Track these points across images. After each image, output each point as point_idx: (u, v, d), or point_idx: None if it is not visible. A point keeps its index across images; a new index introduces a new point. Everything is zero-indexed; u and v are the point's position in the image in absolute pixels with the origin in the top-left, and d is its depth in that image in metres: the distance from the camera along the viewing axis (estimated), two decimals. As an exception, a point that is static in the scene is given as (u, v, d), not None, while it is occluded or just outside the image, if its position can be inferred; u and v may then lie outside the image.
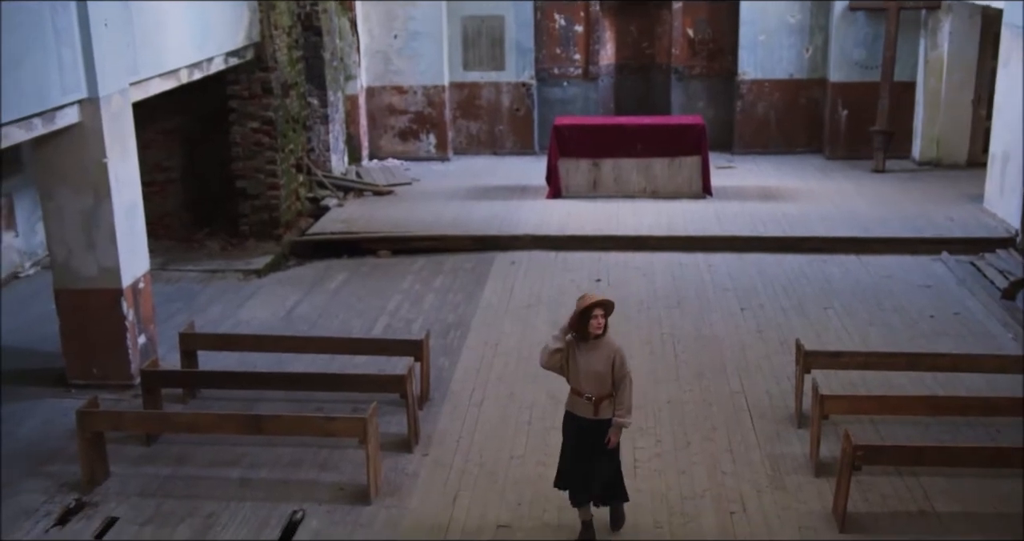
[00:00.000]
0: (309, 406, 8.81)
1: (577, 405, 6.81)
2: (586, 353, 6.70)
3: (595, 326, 6.61)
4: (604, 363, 6.67)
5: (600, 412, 6.73)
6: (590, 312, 6.58)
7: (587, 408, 6.74)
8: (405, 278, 12.47)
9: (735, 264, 12.79)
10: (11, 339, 10.54)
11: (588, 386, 6.71)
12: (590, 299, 6.61)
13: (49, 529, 7.15)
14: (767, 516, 7.19)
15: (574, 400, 6.83)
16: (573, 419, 6.86)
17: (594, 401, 6.71)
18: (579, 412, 6.80)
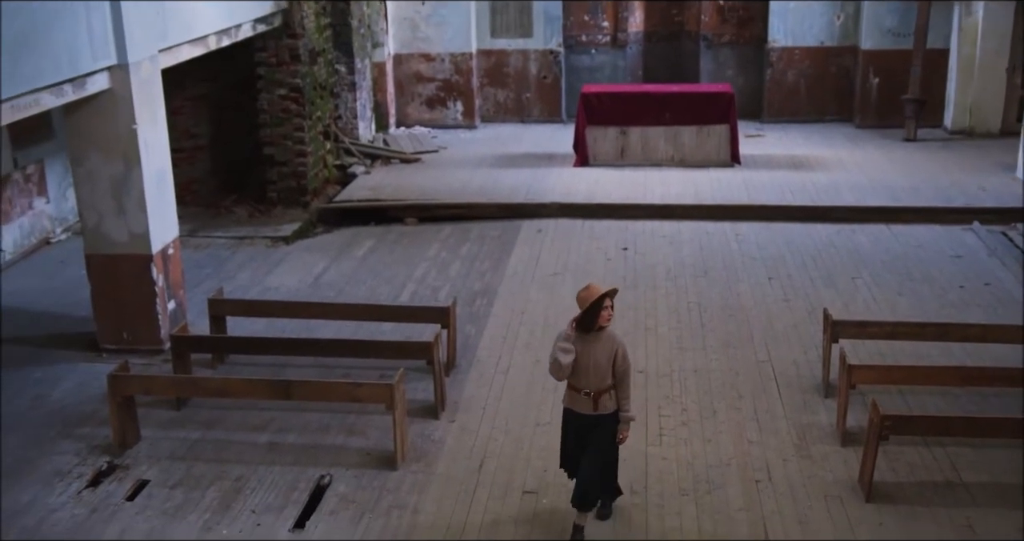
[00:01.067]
0: (336, 372, 8.88)
1: (576, 401, 6.51)
2: (588, 346, 6.38)
3: (605, 317, 6.33)
4: (606, 356, 6.40)
5: (600, 406, 6.46)
6: (601, 303, 6.28)
7: (587, 404, 6.46)
8: (432, 246, 12.50)
9: (763, 233, 12.73)
10: (43, 304, 10.66)
11: (588, 380, 6.42)
12: (598, 289, 6.30)
13: (82, 491, 7.26)
14: (793, 485, 7.20)
15: (572, 396, 6.53)
16: (573, 417, 6.59)
17: (593, 396, 6.43)
18: (579, 408, 6.51)
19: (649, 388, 8.65)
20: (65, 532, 6.75)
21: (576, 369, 6.40)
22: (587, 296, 6.29)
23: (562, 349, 6.32)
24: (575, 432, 6.59)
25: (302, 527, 6.82)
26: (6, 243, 11.81)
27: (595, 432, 6.49)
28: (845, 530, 6.67)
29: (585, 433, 6.52)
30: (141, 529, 6.80)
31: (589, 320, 6.31)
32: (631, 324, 9.98)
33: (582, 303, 6.29)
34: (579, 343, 6.36)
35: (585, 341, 6.38)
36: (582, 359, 6.36)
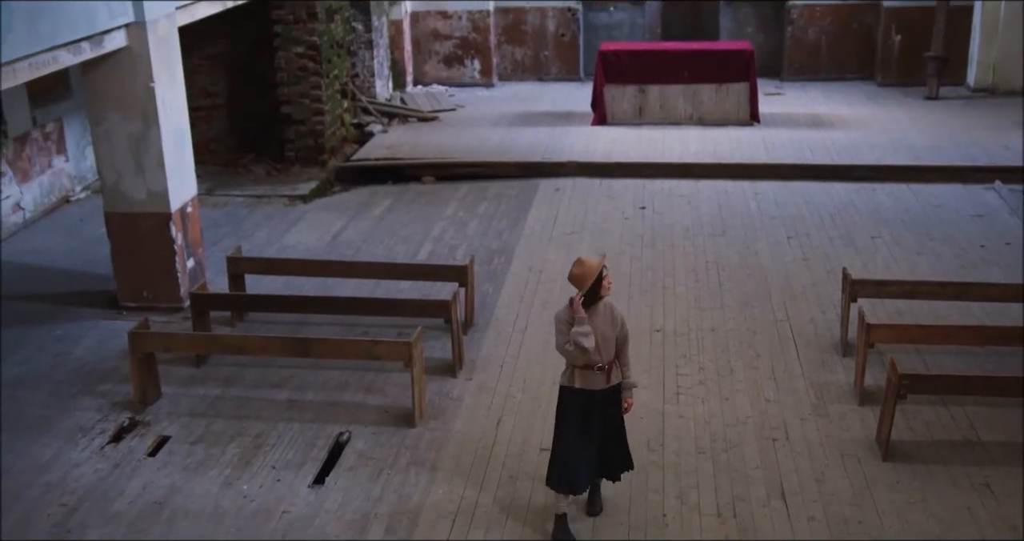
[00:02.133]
0: (355, 330, 8.92)
1: (589, 379, 6.14)
2: (594, 316, 6.05)
3: (607, 286, 6.05)
4: (611, 325, 6.13)
5: (612, 378, 6.19)
6: (602, 274, 5.98)
7: (599, 379, 6.13)
8: (449, 204, 12.48)
9: (782, 192, 12.65)
10: (64, 262, 10.73)
11: (598, 354, 6.08)
12: (593, 262, 5.96)
13: (104, 446, 7.34)
14: (810, 444, 7.21)
15: (584, 375, 6.13)
16: (582, 396, 6.16)
17: (606, 369, 6.13)
18: (591, 386, 6.15)
19: (666, 347, 8.66)
20: (88, 487, 6.84)
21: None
22: (585, 272, 5.94)
23: (582, 334, 5.94)
24: (583, 416, 6.18)
25: (321, 483, 6.88)
26: (26, 201, 11.87)
27: (609, 407, 6.23)
28: (862, 488, 6.68)
29: (597, 411, 6.19)
30: (163, 484, 6.88)
31: (594, 294, 6.01)
32: (649, 283, 9.98)
33: (581, 280, 5.93)
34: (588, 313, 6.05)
35: (592, 313, 6.06)
36: (594, 329, 6.05)
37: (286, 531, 6.37)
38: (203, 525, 6.44)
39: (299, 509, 6.60)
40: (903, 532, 6.25)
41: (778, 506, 6.51)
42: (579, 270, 5.94)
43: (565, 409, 6.23)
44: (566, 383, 6.19)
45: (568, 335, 5.98)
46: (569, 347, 5.98)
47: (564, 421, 6.23)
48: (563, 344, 6.03)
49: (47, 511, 6.59)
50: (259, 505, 6.64)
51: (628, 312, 9.29)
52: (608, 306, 6.15)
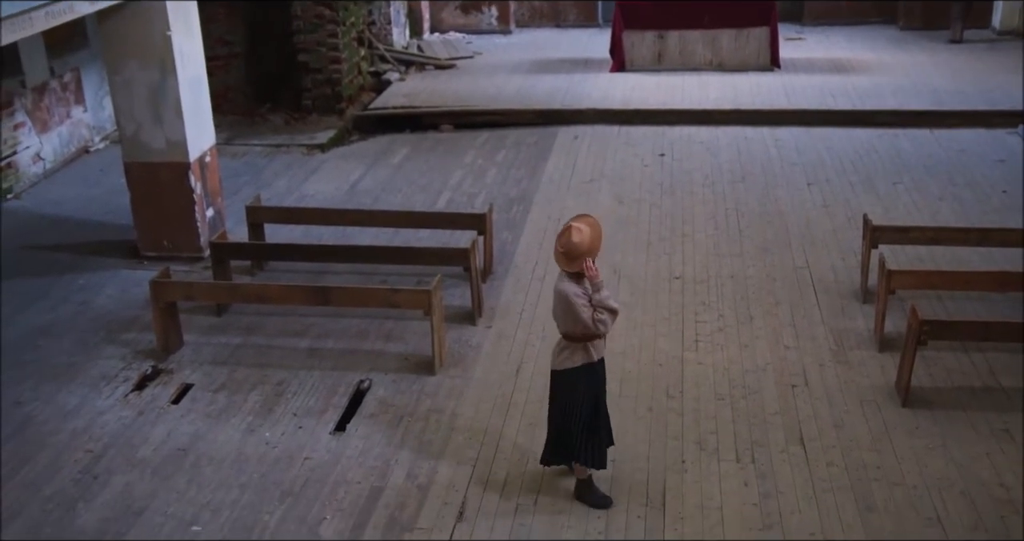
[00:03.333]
0: (374, 279, 8.94)
1: (598, 348, 5.87)
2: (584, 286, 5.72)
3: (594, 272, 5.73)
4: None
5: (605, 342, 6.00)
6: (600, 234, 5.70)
7: (602, 345, 5.92)
8: (467, 153, 12.44)
9: (803, 138, 12.55)
10: (85, 212, 10.78)
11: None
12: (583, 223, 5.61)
13: (128, 394, 7.43)
14: (829, 390, 7.22)
15: (597, 346, 5.85)
16: (594, 368, 5.88)
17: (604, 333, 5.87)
18: (601, 354, 5.91)
19: (685, 294, 8.66)
20: (113, 433, 6.93)
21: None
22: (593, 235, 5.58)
23: (610, 297, 5.73)
24: (599, 384, 5.95)
25: (343, 430, 6.95)
26: (46, 152, 11.89)
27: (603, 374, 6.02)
28: (881, 434, 6.70)
29: (603, 378, 6.02)
30: (186, 431, 6.96)
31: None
32: (668, 230, 9.94)
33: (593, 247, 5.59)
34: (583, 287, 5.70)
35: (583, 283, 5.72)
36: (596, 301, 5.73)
37: (308, 477, 6.44)
38: (226, 471, 6.53)
39: (321, 455, 6.67)
40: (922, 477, 6.27)
41: (797, 451, 6.53)
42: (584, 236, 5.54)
43: (585, 388, 5.85)
44: (581, 362, 5.79)
45: (591, 307, 5.61)
46: (602, 315, 5.62)
47: (587, 400, 5.87)
48: (591, 316, 5.61)
49: (74, 457, 6.69)
50: (281, 452, 6.72)
51: (647, 260, 9.31)
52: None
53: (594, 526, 5.92)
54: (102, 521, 6.08)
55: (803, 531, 5.82)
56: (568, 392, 5.87)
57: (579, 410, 5.88)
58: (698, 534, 5.82)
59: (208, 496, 6.29)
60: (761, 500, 6.08)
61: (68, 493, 6.33)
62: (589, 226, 5.60)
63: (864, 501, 6.06)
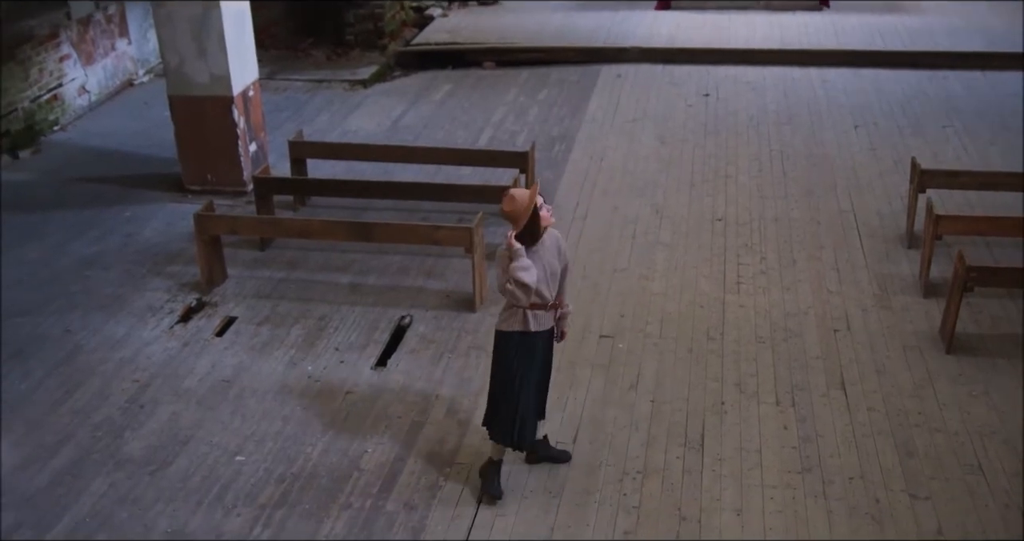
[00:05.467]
0: (416, 216, 8.96)
1: (539, 319, 5.47)
2: (537, 255, 5.37)
3: (547, 217, 5.34)
4: (556, 258, 5.49)
5: (557, 316, 5.60)
6: (537, 206, 5.27)
7: (547, 318, 5.52)
8: (510, 90, 12.34)
9: (851, 80, 12.33)
10: (130, 144, 10.85)
11: (548, 291, 5.45)
12: (524, 194, 5.24)
13: (173, 326, 7.53)
14: (871, 335, 7.18)
15: (537, 316, 5.45)
16: (530, 339, 5.48)
17: (555, 305, 5.55)
18: (542, 326, 5.49)
19: (728, 236, 8.60)
20: (159, 364, 7.05)
21: (538, 284, 5.39)
22: (516, 209, 5.22)
23: (522, 268, 5.23)
24: (530, 359, 5.54)
25: (384, 365, 7.02)
26: (91, 84, 11.94)
27: (549, 345, 5.65)
28: (923, 380, 6.67)
29: (540, 353, 5.60)
30: (230, 363, 7.06)
31: (533, 228, 5.30)
32: (711, 172, 9.86)
33: (514, 217, 5.24)
34: (529, 253, 5.34)
35: (534, 249, 5.37)
36: (539, 271, 5.36)
37: (350, 411, 6.53)
38: (269, 403, 6.63)
39: (362, 390, 6.75)
40: (964, 424, 6.24)
41: (837, 396, 6.52)
42: (510, 207, 5.23)
43: (512, 357, 5.50)
44: (518, 327, 5.44)
45: (507, 274, 5.28)
46: (510, 286, 5.26)
47: (512, 370, 5.52)
48: (504, 283, 5.29)
49: (121, 386, 6.82)
50: (323, 385, 6.80)
51: (689, 201, 9.24)
52: (554, 237, 5.49)
53: (632, 465, 5.96)
54: (148, 449, 6.20)
55: (842, 475, 5.83)
56: (499, 354, 5.58)
57: (504, 377, 5.56)
58: (736, 475, 5.85)
59: (252, 427, 6.40)
60: (800, 443, 6.09)
61: (116, 421, 6.47)
62: (513, 201, 5.22)
63: (904, 447, 6.06)
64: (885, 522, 5.50)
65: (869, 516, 5.54)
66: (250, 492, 5.83)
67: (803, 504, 5.62)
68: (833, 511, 5.57)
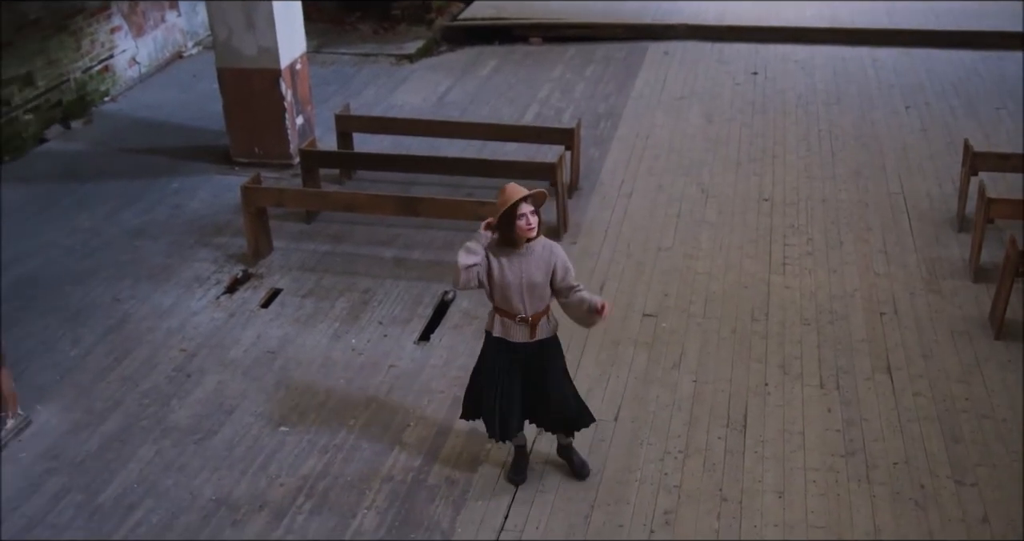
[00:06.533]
0: (460, 191, 8.96)
1: (510, 330, 5.27)
2: (518, 261, 5.14)
3: (524, 227, 5.02)
4: (542, 272, 5.16)
5: (538, 332, 5.28)
6: (515, 211, 5.00)
7: (521, 331, 5.26)
8: (556, 66, 12.28)
9: (902, 60, 12.13)
10: (179, 116, 10.93)
11: (520, 303, 5.18)
12: (514, 193, 4.99)
13: (219, 297, 7.61)
14: (919, 319, 7.10)
15: (505, 324, 5.26)
16: (505, 347, 5.33)
17: (531, 321, 5.23)
18: (514, 337, 5.28)
19: (774, 216, 8.53)
20: (205, 334, 7.13)
21: (504, 290, 5.18)
22: (499, 200, 5.05)
23: (465, 248, 5.11)
24: (512, 367, 5.38)
25: (427, 340, 7.05)
26: (142, 56, 12.03)
27: (534, 363, 5.38)
28: (971, 366, 6.59)
29: (524, 367, 5.39)
30: (275, 335, 7.13)
31: (505, 230, 5.09)
32: (758, 151, 9.76)
33: (496, 207, 5.08)
34: (504, 256, 5.15)
35: (513, 255, 5.15)
36: (510, 278, 5.14)
37: (392, 385, 6.57)
38: (314, 375, 6.69)
39: (405, 364, 6.79)
40: (1012, 411, 6.16)
41: (883, 380, 6.47)
42: (500, 198, 5.05)
43: (489, 355, 5.43)
44: (488, 327, 5.36)
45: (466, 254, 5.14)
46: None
47: (488, 367, 5.45)
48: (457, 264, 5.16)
49: (168, 355, 6.91)
50: (367, 358, 6.85)
51: (736, 180, 9.17)
52: (546, 248, 5.18)
53: (674, 444, 5.96)
54: (194, 417, 6.29)
55: (887, 459, 5.79)
56: (482, 348, 5.52)
57: (482, 369, 5.49)
58: (779, 457, 5.82)
59: (296, 398, 6.46)
60: (844, 427, 6.05)
61: (163, 389, 6.56)
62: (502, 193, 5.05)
63: (951, 432, 6.00)
64: (929, 508, 5.46)
65: (913, 502, 5.50)
66: (293, 462, 5.90)
67: (846, 488, 5.59)
68: (876, 496, 5.54)
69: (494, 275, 5.16)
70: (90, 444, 6.08)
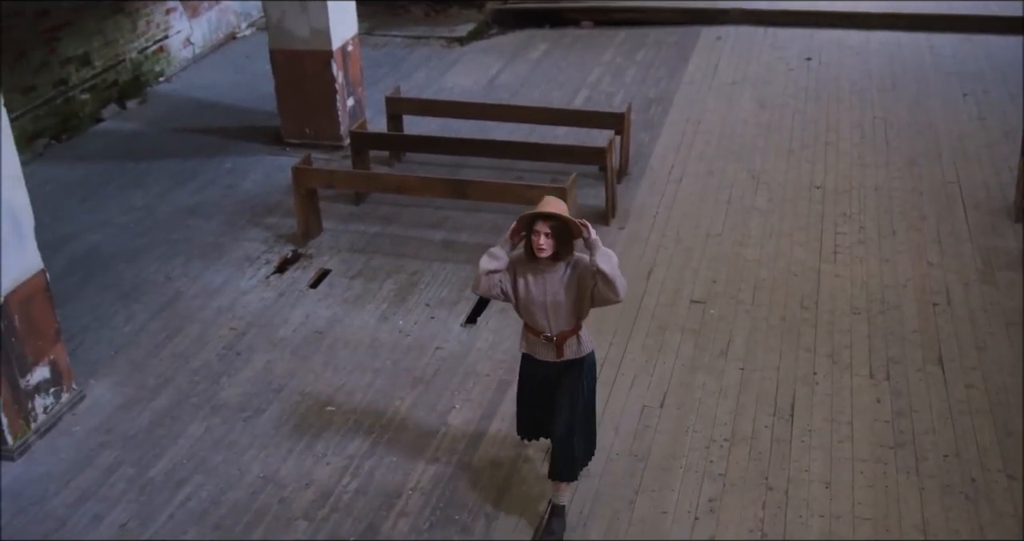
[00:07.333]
0: (509, 174, 8.95)
1: (536, 346, 5.08)
2: (541, 277, 4.88)
3: (536, 246, 4.74)
4: (567, 289, 4.87)
5: (566, 352, 5.03)
6: (532, 226, 4.74)
7: (549, 350, 5.04)
8: (607, 50, 12.21)
9: (961, 46, 11.92)
10: (232, 97, 11.03)
11: (545, 321, 4.95)
12: (544, 204, 4.74)
13: (269, 276, 7.68)
14: (972, 310, 6.99)
15: (530, 340, 5.09)
16: (532, 364, 5.19)
17: (556, 341, 4.99)
18: (540, 355, 5.09)
19: (826, 204, 8.43)
20: (255, 313, 7.21)
21: (529, 305, 4.96)
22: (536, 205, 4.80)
23: (489, 254, 4.90)
24: (537, 385, 5.25)
25: (474, 323, 7.07)
26: (196, 37, 12.14)
27: (564, 380, 5.12)
28: (1024, 358, 6.50)
29: (551, 386, 5.18)
30: (323, 315, 7.18)
31: (526, 241, 4.84)
32: (811, 138, 9.65)
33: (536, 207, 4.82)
34: (531, 272, 4.90)
35: (540, 271, 4.88)
36: (536, 293, 4.91)
37: (439, 367, 6.60)
38: (361, 356, 6.73)
39: (452, 346, 6.81)
40: (1065, 404, 6.08)
41: (934, 371, 6.38)
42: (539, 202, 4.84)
43: (520, 380, 5.38)
44: (520, 347, 5.24)
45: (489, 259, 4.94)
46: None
47: (519, 393, 5.43)
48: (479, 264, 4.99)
49: (219, 333, 6.99)
50: (414, 340, 6.89)
51: (787, 167, 9.07)
52: (576, 268, 4.87)
53: (719, 432, 5.93)
54: (243, 395, 6.37)
55: (936, 452, 5.72)
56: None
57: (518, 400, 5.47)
58: (826, 447, 5.78)
59: (343, 378, 6.51)
60: (894, 418, 5.99)
61: (213, 367, 6.64)
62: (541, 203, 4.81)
63: (1004, 426, 5.90)
64: (980, 502, 5.38)
65: (963, 495, 5.43)
66: (340, 442, 5.96)
67: (894, 480, 5.54)
68: (925, 488, 5.47)
69: (519, 290, 4.94)
70: (142, 419, 6.18)
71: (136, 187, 9.07)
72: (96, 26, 10.39)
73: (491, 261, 4.88)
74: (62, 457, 5.88)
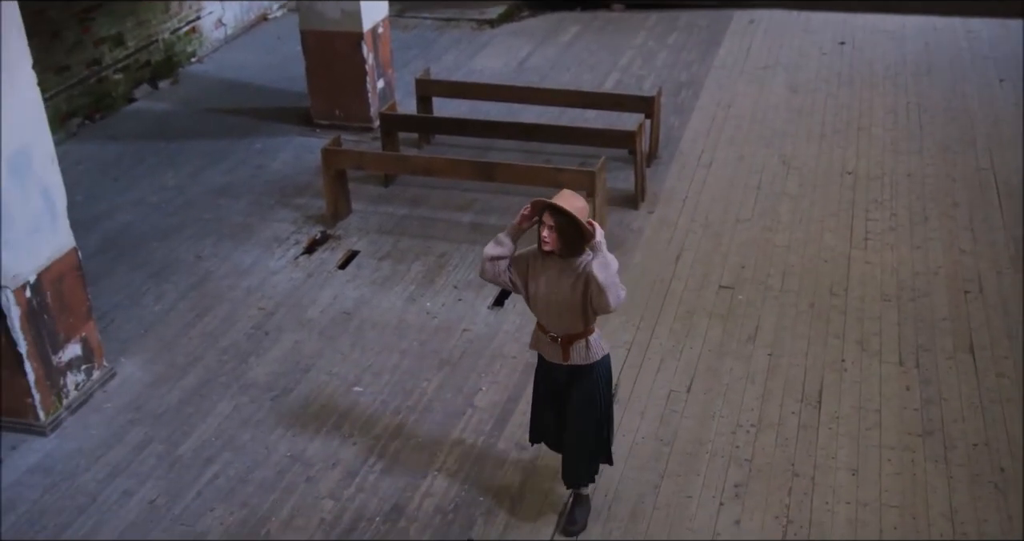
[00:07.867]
0: (538, 157, 8.93)
1: (542, 345, 4.94)
2: (548, 273, 4.72)
3: (542, 239, 4.62)
4: (572, 289, 4.67)
5: (572, 356, 4.84)
6: (540, 217, 4.63)
7: (555, 351, 4.86)
8: (638, 34, 12.14)
9: (998, 31, 11.75)
10: (263, 78, 11.06)
11: (551, 320, 4.79)
12: (560, 198, 4.59)
13: (298, 257, 7.71)
14: (1005, 299, 6.92)
15: (539, 338, 4.94)
16: (542, 362, 5.05)
17: (562, 342, 4.82)
18: (545, 353, 4.95)
19: (857, 190, 8.36)
20: (284, 293, 7.25)
21: (535, 300, 4.81)
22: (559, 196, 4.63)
23: (496, 239, 4.81)
24: (548, 387, 5.08)
25: (501, 305, 7.08)
26: (227, 18, 12.17)
27: (573, 386, 4.94)
28: (1057, 347, 6.43)
29: (559, 388, 5.02)
30: (352, 296, 7.21)
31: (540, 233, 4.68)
32: (843, 123, 9.56)
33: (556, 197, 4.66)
34: (541, 266, 4.74)
35: (549, 266, 4.73)
36: (541, 288, 4.75)
37: (466, 349, 6.61)
38: (388, 337, 6.76)
39: (479, 328, 6.83)
40: (1097, 395, 6.01)
41: (965, 359, 6.33)
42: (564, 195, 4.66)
43: (535, 379, 5.21)
44: (530, 344, 5.13)
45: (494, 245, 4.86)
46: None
47: (535, 394, 5.25)
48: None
49: (248, 313, 7.04)
50: (441, 322, 6.90)
51: (819, 152, 9.00)
52: (579, 267, 4.66)
53: (746, 417, 5.91)
54: (271, 375, 6.41)
55: (966, 440, 5.68)
56: None
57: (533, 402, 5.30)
58: (854, 434, 5.75)
59: (370, 359, 6.54)
60: (923, 405, 5.95)
61: (242, 346, 6.69)
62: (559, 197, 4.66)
63: (1033, 415, 5.87)
64: (1009, 492, 5.34)
65: (992, 485, 5.39)
66: (366, 422, 5.99)
67: (922, 468, 5.51)
68: (954, 477, 5.44)
69: (529, 283, 4.80)
70: (171, 397, 6.24)
71: (168, 167, 9.13)
72: (129, 6, 10.44)
73: (495, 247, 4.78)
74: (93, 433, 5.95)
